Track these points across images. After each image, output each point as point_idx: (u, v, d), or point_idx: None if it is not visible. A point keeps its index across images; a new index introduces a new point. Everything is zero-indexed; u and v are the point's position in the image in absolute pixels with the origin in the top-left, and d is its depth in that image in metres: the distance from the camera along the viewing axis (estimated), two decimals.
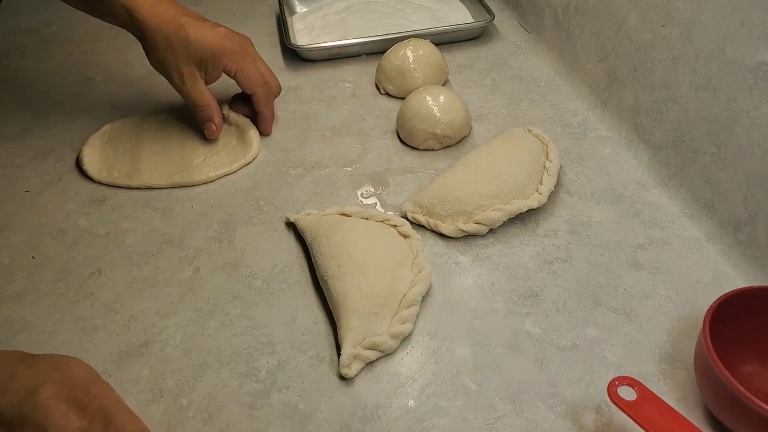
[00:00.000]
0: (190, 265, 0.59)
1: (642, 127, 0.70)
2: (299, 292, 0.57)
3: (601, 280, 0.57)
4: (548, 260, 0.59)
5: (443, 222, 0.61)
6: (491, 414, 0.47)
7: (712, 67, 0.60)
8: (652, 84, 0.68)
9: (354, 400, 0.48)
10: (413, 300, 0.53)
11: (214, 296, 0.56)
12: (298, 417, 0.47)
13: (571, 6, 0.81)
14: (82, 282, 0.58)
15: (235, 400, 0.48)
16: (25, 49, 0.92)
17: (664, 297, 0.55)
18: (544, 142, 0.68)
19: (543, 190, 0.62)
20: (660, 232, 0.61)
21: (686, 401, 0.48)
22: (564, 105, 0.79)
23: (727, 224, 0.59)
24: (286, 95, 0.81)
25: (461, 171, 0.64)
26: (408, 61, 0.79)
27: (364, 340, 0.50)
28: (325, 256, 0.56)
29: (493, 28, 0.94)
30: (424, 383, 0.49)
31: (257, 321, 0.54)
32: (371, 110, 0.79)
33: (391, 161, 0.71)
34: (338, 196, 0.66)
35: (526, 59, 0.88)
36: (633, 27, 0.71)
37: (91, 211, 0.65)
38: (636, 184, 0.67)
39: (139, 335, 0.53)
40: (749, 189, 0.57)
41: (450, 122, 0.70)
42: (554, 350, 0.51)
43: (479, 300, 0.55)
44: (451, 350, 0.52)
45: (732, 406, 0.42)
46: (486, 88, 0.82)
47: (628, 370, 0.50)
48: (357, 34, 0.89)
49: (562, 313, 0.54)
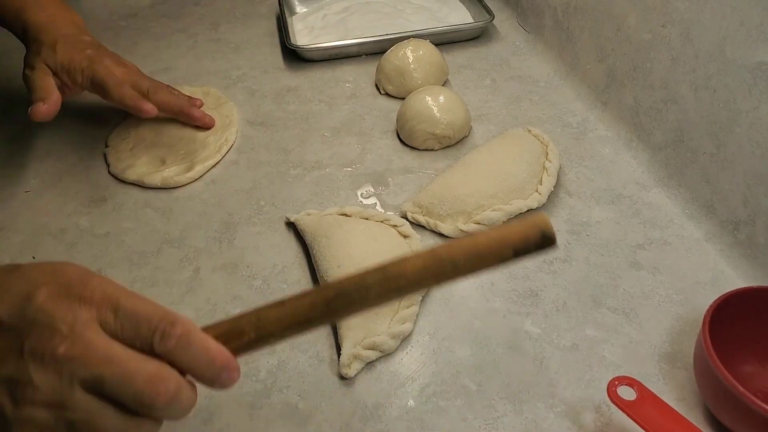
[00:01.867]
0: (190, 265, 0.59)
1: (641, 127, 0.70)
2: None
3: (601, 280, 0.57)
4: (548, 260, 0.59)
5: (443, 222, 0.61)
6: (491, 414, 0.47)
7: (711, 68, 0.60)
8: (652, 84, 0.68)
9: (354, 400, 0.48)
10: (413, 300, 0.53)
11: (214, 296, 0.56)
12: (298, 417, 0.47)
13: (571, 6, 0.81)
14: None
15: (235, 400, 0.48)
16: (25, 49, 0.92)
17: (664, 297, 0.55)
18: (543, 142, 0.68)
19: (542, 190, 0.62)
20: (660, 232, 0.61)
21: (686, 401, 0.48)
22: (564, 105, 0.79)
23: (727, 224, 0.59)
24: (286, 95, 0.81)
25: (461, 171, 0.64)
26: (408, 61, 0.79)
27: (364, 339, 0.50)
28: (325, 256, 0.56)
29: (493, 29, 0.94)
30: (424, 383, 0.49)
31: None
32: (371, 110, 0.79)
33: (391, 161, 0.71)
34: (338, 196, 0.66)
35: (525, 59, 0.88)
36: (633, 27, 0.71)
37: (91, 211, 0.65)
38: (636, 184, 0.67)
39: None
40: (749, 189, 0.57)
41: (450, 122, 0.70)
42: (554, 350, 0.51)
43: (479, 300, 0.56)
44: (450, 350, 0.52)
45: (731, 406, 0.42)
46: (486, 88, 0.82)
47: (628, 370, 0.50)
48: (357, 35, 0.89)
49: (562, 313, 0.54)
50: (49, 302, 0.35)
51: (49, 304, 0.35)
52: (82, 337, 0.34)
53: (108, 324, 0.35)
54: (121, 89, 0.66)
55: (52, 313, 0.34)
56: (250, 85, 0.84)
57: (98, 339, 0.34)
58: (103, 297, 0.36)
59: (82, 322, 0.34)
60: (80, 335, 0.34)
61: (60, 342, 0.33)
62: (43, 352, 0.33)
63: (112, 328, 0.35)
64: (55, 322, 0.34)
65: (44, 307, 0.35)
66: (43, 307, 0.35)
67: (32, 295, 0.35)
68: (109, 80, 0.66)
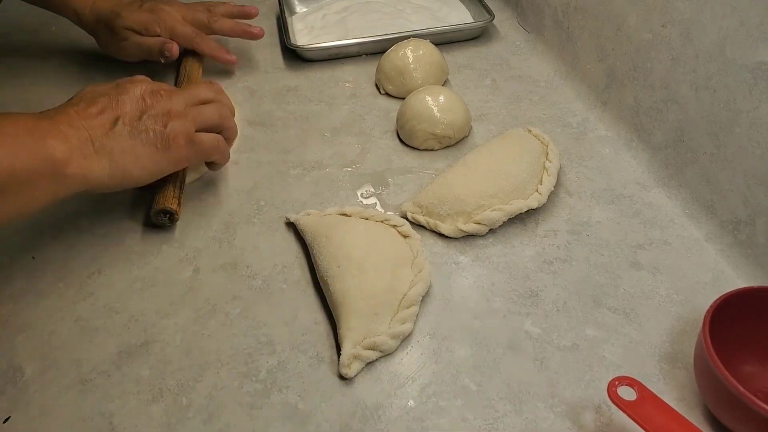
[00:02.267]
0: (190, 265, 0.59)
1: (642, 127, 0.70)
2: (299, 292, 0.57)
3: (601, 280, 0.57)
4: (548, 260, 0.59)
5: (443, 222, 0.61)
6: (491, 414, 0.47)
7: (711, 68, 0.60)
8: (652, 84, 0.68)
9: (354, 400, 0.48)
10: (413, 300, 0.53)
11: (214, 296, 0.56)
12: (298, 417, 0.47)
13: (571, 6, 0.81)
14: (82, 282, 0.58)
15: (235, 400, 0.48)
16: (25, 49, 0.92)
17: (664, 297, 0.55)
18: (543, 142, 0.68)
19: (543, 190, 0.62)
20: (660, 232, 0.61)
21: (686, 401, 0.48)
22: (564, 105, 0.79)
23: (727, 224, 0.59)
24: (286, 95, 0.81)
25: (461, 171, 0.64)
26: (408, 61, 0.79)
27: (364, 340, 0.50)
28: (325, 256, 0.56)
29: (493, 28, 0.94)
30: (423, 383, 0.49)
31: (257, 321, 0.54)
32: (371, 110, 0.79)
33: (391, 161, 0.71)
34: (338, 196, 0.66)
35: (526, 59, 0.88)
36: (633, 27, 0.71)
37: (91, 211, 0.65)
38: (636, 184, 0.67)
39: (139, 335, 0.53)
40: (749, 189, 0.57)
41: (450, 122, 0.70)
42: (554, 350, 0.51)
43: (479, 300, 0.56)
44: (451, 350, 0.52)
45: (732, 406, 0.42)
46: (486, 88, 0.82)
47: (628, 370, 0.50)
48: (357, 34, 0.89)
49: (562, 313, 0.54)
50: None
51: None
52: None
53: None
54: (205, 43, 0.80)
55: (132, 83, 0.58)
56: (250, 84, 0.84)
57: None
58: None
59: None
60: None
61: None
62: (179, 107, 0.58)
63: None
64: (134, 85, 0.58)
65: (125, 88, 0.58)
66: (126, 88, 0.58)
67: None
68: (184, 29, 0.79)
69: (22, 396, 0.49)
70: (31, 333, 0.53)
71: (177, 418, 0.47)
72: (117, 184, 0.55)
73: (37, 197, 0.49)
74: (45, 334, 0.53)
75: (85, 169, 0.51)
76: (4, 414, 0.48)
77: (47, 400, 0.49)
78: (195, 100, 0.61)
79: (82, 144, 0.51)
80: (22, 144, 0.48)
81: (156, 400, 0.48)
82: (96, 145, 0.52)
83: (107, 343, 0.53)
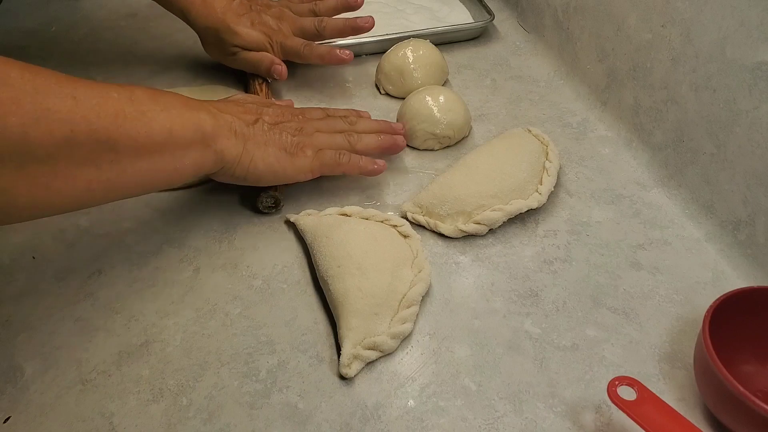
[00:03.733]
0: (190, 265, 0.59)
1: (642, 127, 0.70)
2: (299, 292, 0.57)
3: (601, 280, 0.57)
4: (548, 260, 0.59)
5: (443, 222, 0.61)
6: (491, 414, 0.47)
7: (711, 68, 0.60)
8: (652, 84, 0.68)
9: (354, 400, 0.48)
10: (413, 300, 0.53)
11: (214, 296, 0.56)
12: (298, 417, 0.47)
13: (571, 6, 0.81)
14: (82, 282, 0.58)
15: (235, 400, 0.48)
16: (25, 49, 0.92)
17: (664, 297, 0.55)
18: (543, 142, 0.68)
19: (543, 190, 0.62)
20: (660, 232, 0.61)
21: (686, 401, 0.48)
22: (564, 105, 0.79)
23: (727, 224, 0.59)
24: (285, 95, 0.81)
25: (461, 171, 0.64)
26: (408, 61, 0.79)
27: (364, 340, 0.50)
28: (325, 256, 0.56)
29: (493, 29, 0.94)
30: (423, 383, 0.49)
31: (257, 321, 0.54)
32: (371, 110, 0.78)
33: (391, 161, 0.71)
34: (338, 196, 0.66)
35: (526, 59, 0.88)
36: (633, 27, 0.71)
37: (91, 211, 0.65)
38: (636, 184, 0.67)
39: (139, 335, 0.53)
40: (749, 189, 0.57)
41: (450, 122, 0.70)
42: (554, 350, 0.51)
43: (479, 300, 0.56)
44: (450, 350, 0.52)
45: (732, 406, 0.42)
46: (486, 88, 0.82)
47: (628, 370, 0.50)
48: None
49: (562, 313, 0.54)
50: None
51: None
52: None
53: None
54: (313, 54, 0.77)
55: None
56: None
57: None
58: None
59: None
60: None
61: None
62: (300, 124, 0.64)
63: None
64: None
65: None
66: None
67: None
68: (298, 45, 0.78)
69: (22, 396, 0.49)
70: (31, 333, 0.53)
71: (177, 417, 0.47)
72: (242, 172, 0.58)
73: (186, 166, 0.54)
74: (45, 334, 0.53)
75: (225, 146, 0.56)
76: (4, 414, 0.48)
77: (47, 400, 0.49)
78: (330, 129, 0.65)
79: (227, 126, 0.57)
80: (179, 113, 0.53)
81: (156, 400, 0.48)
82: (237, 131, 0.57)
83: (107, 343, 0.53)
